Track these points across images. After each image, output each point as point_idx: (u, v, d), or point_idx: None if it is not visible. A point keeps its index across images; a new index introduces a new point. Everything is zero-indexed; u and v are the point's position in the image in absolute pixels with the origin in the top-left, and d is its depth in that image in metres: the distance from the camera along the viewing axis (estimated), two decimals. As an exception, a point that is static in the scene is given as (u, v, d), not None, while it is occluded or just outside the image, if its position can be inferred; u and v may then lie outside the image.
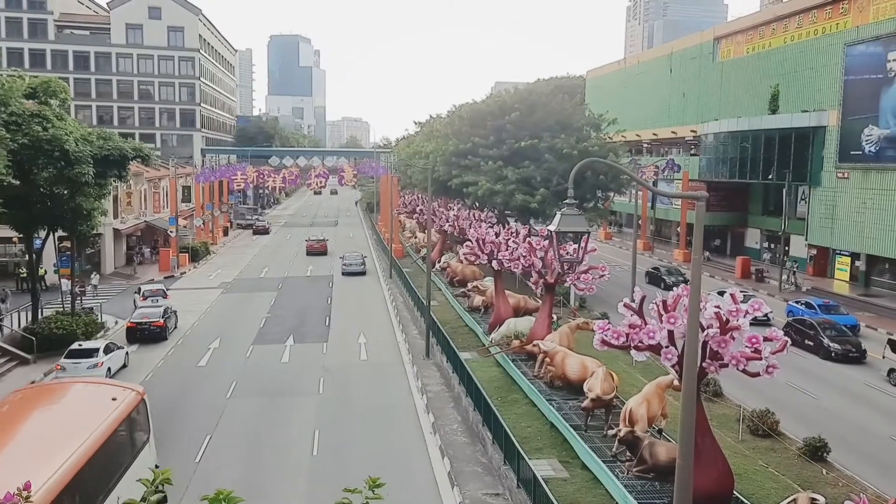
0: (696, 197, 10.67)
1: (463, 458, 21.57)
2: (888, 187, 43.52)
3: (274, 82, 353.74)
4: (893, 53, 42.94)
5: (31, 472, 9.85)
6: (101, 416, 13.90)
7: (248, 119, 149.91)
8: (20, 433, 13.66)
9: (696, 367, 12.56)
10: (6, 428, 13.58)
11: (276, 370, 30.56)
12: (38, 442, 13.10)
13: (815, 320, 33.61)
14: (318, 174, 71.44)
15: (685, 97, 67.03)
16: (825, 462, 19.61)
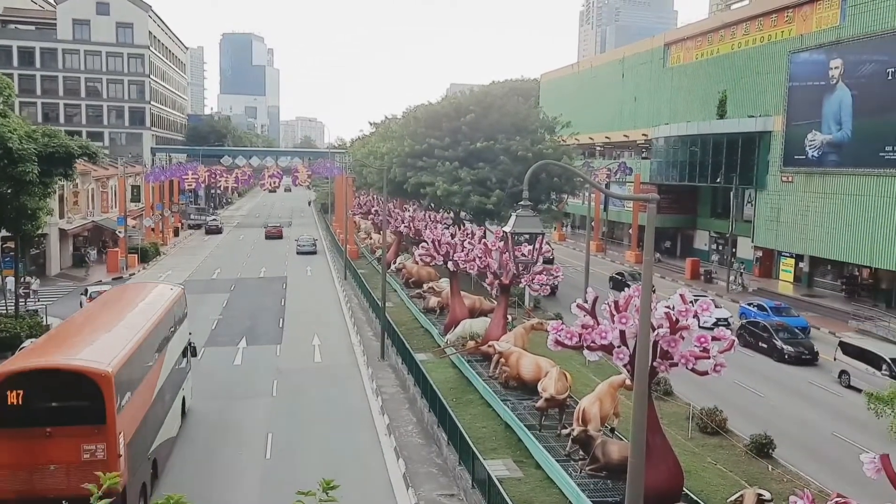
0: (647, 199, 10.88)
1: (418, 459, 21.59)
2: (830, 191, 44.89)
3: (226, 81, 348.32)
4: (835, 61, 44.32)
5: (143, 321, 19.95)
6: (165, 297, 23.57)
7: (200, 118, 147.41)
8: (133, 303, 22.77)
9: (648, 366, 12.80)
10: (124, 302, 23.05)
11: (229, 373, 30.16)
12: (143, 306, 22.26)
13: (769, 323, 34.37)
14: (271, 174, 70.73)
15: (637, 101, 68.16)
16: (771, 458, 20.14)
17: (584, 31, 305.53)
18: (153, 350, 19.95)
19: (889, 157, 40.35)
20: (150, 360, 19.41)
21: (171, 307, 22.89)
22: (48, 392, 15.74)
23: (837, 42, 44.13)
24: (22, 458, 15.25)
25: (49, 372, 15.99)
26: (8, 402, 15.23)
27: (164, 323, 21.47)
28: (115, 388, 15.60)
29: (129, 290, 28.40)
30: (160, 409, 20.26)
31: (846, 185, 43.62)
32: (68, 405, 15.78)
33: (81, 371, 15.80)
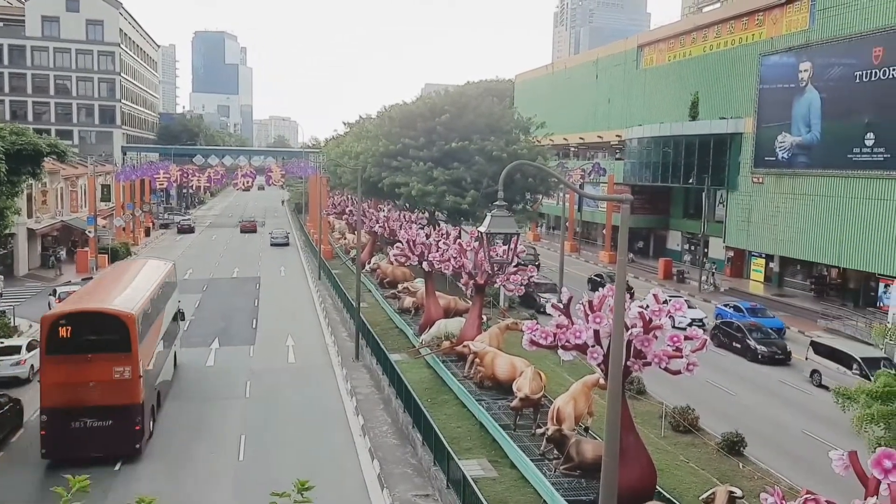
0: (621, 200, 10.95)
1: (393, 459, 21.53)
2: (799, 192, 45.56)
3: (198, 79, 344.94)
4: (805, 64, 44.99)
5: (147, 284, 25.21)
6: (161, 269, 28.92)
7: (172, 116, 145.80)
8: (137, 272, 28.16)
9: (622, 365, 12.88)
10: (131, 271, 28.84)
11: (201, 374, 29.86)
12: (145, 274, 27.75)
13: (742, 323, 34.69)
14: (244, 174, 69.93)
15: (611, 102, 68.64)
16: (742, 456, 20.38)
17: (558, 32, 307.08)
18: (157, 306, 25.54)
19: (857, 158, 41.06)
20: (155, 313, 24.96)
21: (166, 277, 28.63)
22: (89, 328, 21.27)
23: (807, 45, 44.82)
24: (70, 377, 20.58)
25: (91, 313, 21.77)
26: (59, 336, 20.76)
27: (162, 287, 27.16)
28: (137, 326, 21.37)
29: (132, 263, 35.33)
30: (162, 355, 25.82)
31: (815, 186, 44.30)
32: (104, 338, 21.25)
33: (114, 313, 21.55)
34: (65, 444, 20.70)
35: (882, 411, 10.69)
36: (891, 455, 8.01)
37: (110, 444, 20.90)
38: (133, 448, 21.32)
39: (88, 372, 20.70)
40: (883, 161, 39.55)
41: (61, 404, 20.53)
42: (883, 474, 7.96)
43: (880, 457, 8.03)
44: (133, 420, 21.18)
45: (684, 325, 34.63)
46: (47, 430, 20.57)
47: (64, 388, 20.53)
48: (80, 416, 20.72)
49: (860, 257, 41.08)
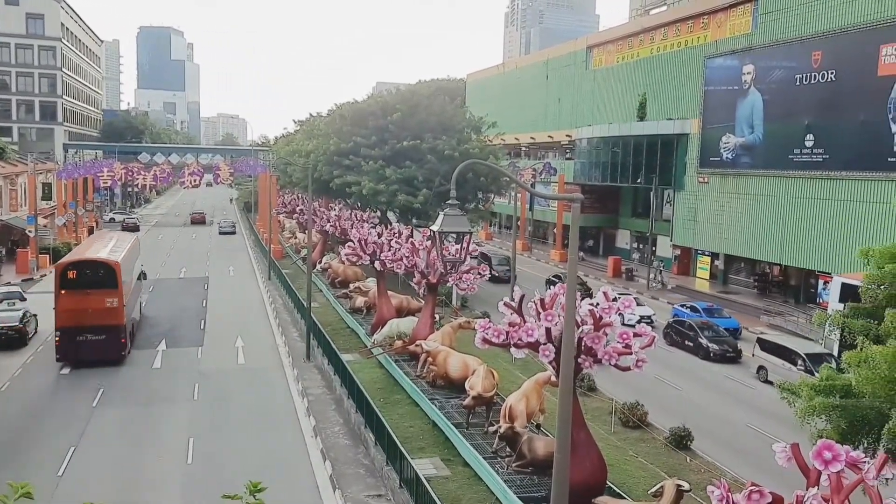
0: (572, 199, 11.05)
1: (345, 460, 21.40)
2: (743, 192, 46.71)
3: (144, 76, 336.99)
4: (748, 67, 46.13)
5: (122, 248, 34.25)
6: (130, 239, 38.64)
7: (116, 113, 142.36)
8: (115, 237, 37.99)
9: (573, 362, 13.01)
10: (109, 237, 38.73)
11: (148, 376, 29.24)
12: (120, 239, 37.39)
13: (694, 322, 35.12)
14: (191, 172, 68.59)
15: (560, 102, 69.33)
16: (689, 450, 20.81)
17: (509, 32, 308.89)
18: (130, 262, 34.10)
19: (797, 159, 42.28)
20: (129, 266, 33.32)
21: (134, 243, 38.04)
22: (88, 271, 30.38)
23: (749, 49, 45.96)
24: (75, 305, 29.07)
25: (90, 261, 31.32)
26: (68, 277, 29.80)
27: (132, 249, 36.12)
28: (122, 271, 30.54)
29: (108, 233, 46.40)
30: (134, 296, 34.21)
31: (758, 185, 45.47)
32: (98, 278, 29.95)
33: (107, 261, 30.82)
34: (72, 351, 29.49)
35: (823, 404, 11.03)
36: (831, 447, 8.26)
37: (103, 353, 29.54)
38: (119, 355, 30.07)
39: (88, 302, 29.28)
40: (822, 161, 40.80)
41: (69, 324, 29.19)
42: (823, 465, 8.19)
43: (821, 449, 8.26)
44: (119, 336, 30.09)
45: (633, 322, 35.11)
46: (60, 342, 29.44)
47: (71, 313, 29.09)
48: (82, 332, 29.28)
49: (800, 255, 42.31)
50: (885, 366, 10.02)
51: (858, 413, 10.91)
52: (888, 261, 11.22)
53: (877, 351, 10.23)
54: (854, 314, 12.65)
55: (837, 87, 39.71)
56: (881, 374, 10.12)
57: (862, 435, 11.06)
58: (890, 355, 9.94)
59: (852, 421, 10.95)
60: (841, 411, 10.99)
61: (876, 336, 11.64)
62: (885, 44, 36.72)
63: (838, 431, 10.87)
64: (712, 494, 8.91)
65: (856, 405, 10.93)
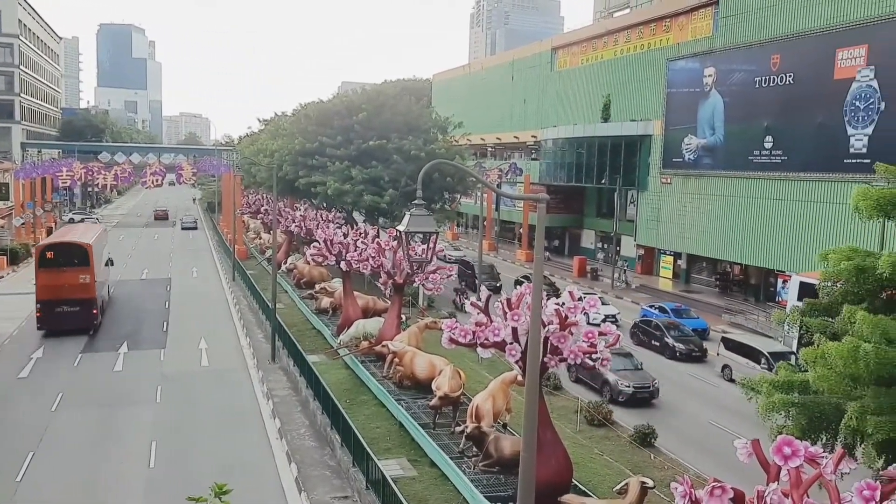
0: (538, 199, 11.11)
1: (311, 462, 21.27)
2: (704, 192, 47.45)
3: (104, 74, 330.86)
4: (709, 69, 46.87)
5: (92, 234, 39.11)
6: (99, 228, 44.97)
7: (76, 112, 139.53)
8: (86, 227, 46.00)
9: (539, 362, 13.09)
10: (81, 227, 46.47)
11: (109, 379, 28.75)
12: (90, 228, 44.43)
13: (661, 321, 35.40)
14: (153, 171, 67.53)
15: (526, 103, 69.72)
16: (653, 448, 21.07)
17: (474, 33, 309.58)
18: (100, 246, 38.53)
19: (757, 160, 43.06)
20: (99, 250, 37.83)
21: (102, 233, 42.82)
22: (64, 252, 35.02)
23: (710, 51, 46.70)
24: (53, 281, 33.67)
25: (65, 243, 35.99)
26: (46, 257, 34.57)
27: (101, 236, 40.75)
28: (94, 252, 35.23)
29: (79, 224, 56.14)
30: (103, 278, 38.62)
31: (719, 186, 46.22)
32: (73, 258, 34.68)
33: (80, 243, 35.55)
34: (51, 321, 34.20)
35: (783, 400, 11.24)
36: (790, 442, 8.43)
37: (78, 322, 34.54)
38: (91, 324, 35.16)
39: (64, 278, 33.98)
40: (780, 163, 41.62)
41: (48, 298, 33.83)
42: (783, 461, 8.36)
43: (780, 444, 8.43)
44: (91, 308, 34.92)
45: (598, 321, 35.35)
46: (41, 313, 34.07)
47: (50, 288, 33.76)
48: (59, 304, 33.95)
49: (760, 254, 43.11)
50: (840, 362, 10.25)
51: (816, 409, 11.14)
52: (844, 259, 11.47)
53: (832, 347, 10.46)
54: (811, 311, 12.91)
55: (795, 90, 40.54)
56: (837, 371, 10.34)
57: (820, 430, 11.29)
58: (845, 351, 10.17)
59: (811, 417, 11.18)
60: (800, 408, 11.21)
61: (832, 333, 11.90)
62: (841, 48, 37.60)
63: (798, 427, 11.09)
64: (676, 491, 9.03)
65: (813, 401, 11.16)
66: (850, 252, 11.79)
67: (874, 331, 10.28)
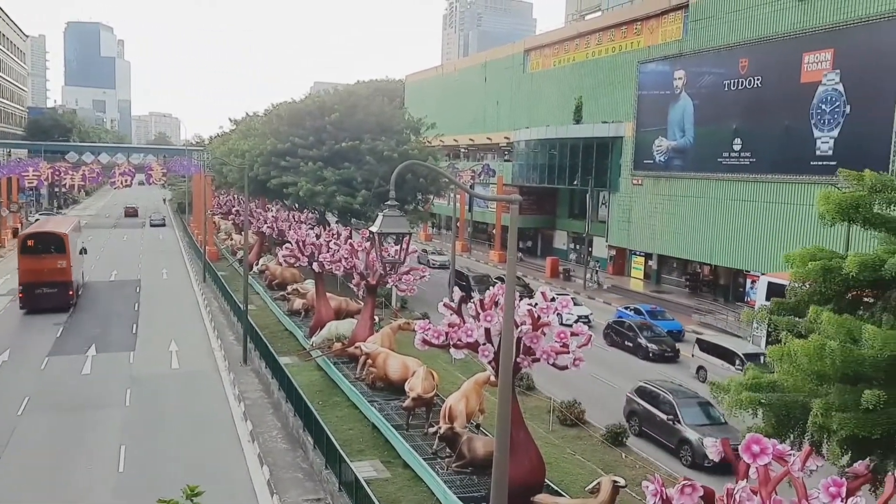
0: (510, 200, 11.16)
1: (283, 465, 21.13)
2: (675, 194, 47.96)
3: (71, 72, 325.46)
4: (679, 72, 47.40)
5: (67, 225, 44.22)
6: (74, 220, 49.93)
7: (42, 111, 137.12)
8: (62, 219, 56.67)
9: (512, 362, 13.15)
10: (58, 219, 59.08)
11: (77, 383, 28.30)
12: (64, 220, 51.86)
13: (634, 322, 35.32)
14: (122, 172, 66.55)
15: (499, 105, 69.93)
16: (625, 447, 21.24)
17: (447, 34, 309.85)
18: (76, 235, 43.13)
19: (726, 162, 43.63)
20: (74, 238, 42.11)
21: (76, 224, 47.28)
22: (43, 241, 39.28)
23: (680, 55, 47.22)
24: (33, 266, 38.01)
25: (44, 232, 40.70)
26: (27, 245, 38.84)
27: (76, 228, 45.21)
28: (69, 240, 39.53)
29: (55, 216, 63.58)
30: (77, 265, 42.73)
31: (689, 188, 46.75)
32: (52, 245, 38.99)
33: (58, 233, 40.09)
34: (32, 301, 38.62)
35: (750, 398, 11.41)
36: (758, 441, 8.56)
37: (56, 302, 38.75)
38: (68, 305, 39.58)
39: (43, 263, 38.40)
40: (749, 164, 42.21)
41: (29, 280, 38.34)
42: (752, 459, 8.49)
43: (749, 443, 8.56)
44: (68, 289, 39.55)
45: (571, 322, 35.42)
46: (23, 295, 38.60)
47: (30, 272, 38.35)
48: (40, 287, 38.33)
49: (729, 255, 43.67)
50: (805, 360, 10.42)
51: (784, 407, 11.32)
52: (809, 261, 11.66)
53: (798, 345, 10.63)
54: (778, 311, 13.11)
55: (763, 93, 41.14)
56: (802, 368, 10.52)
57: (788, 429, 11.47)
58: (811, 349, 10.34)
59: (779, 415, 11.36)
60: (767, 406, 11.38)
61: (799, 332, 12.10)
62: (807, 52, 38.23)
63: (768, 425, 11.26)
64: (647, 489, 9.13)
65: (780, 399, 11.33)
66: (816, 252, 11.99)
67: (839, 330, 10.47)
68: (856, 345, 10.31)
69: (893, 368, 10.04)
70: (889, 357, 9.83)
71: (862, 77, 35.83)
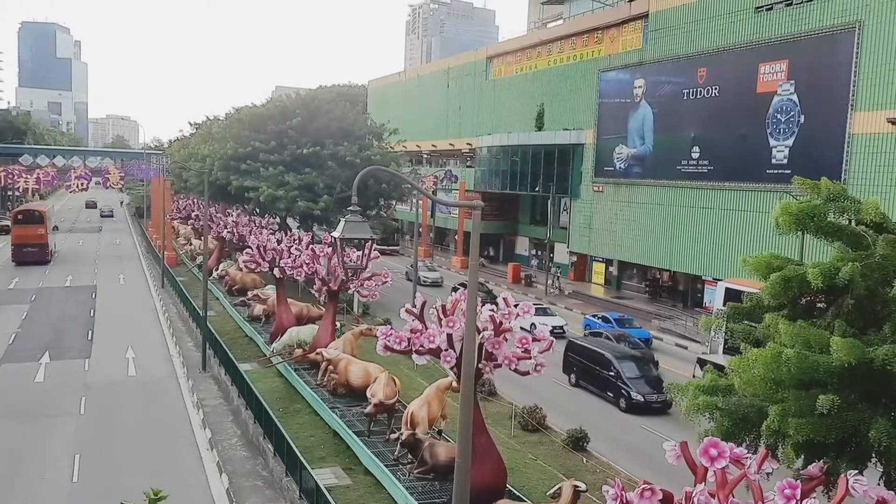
0: (473, 206, 11.20)
1: (242, 472, 20.87)
2: (634, 200, 48.59)
3: (26, 73, 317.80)
4: (639, 80, 48.08)
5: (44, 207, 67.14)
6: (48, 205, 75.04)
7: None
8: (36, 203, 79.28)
9: (474, 368, 13.17)
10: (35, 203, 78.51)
11: (29, 390, 27.63)
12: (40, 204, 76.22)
13: (611, 333, 34.22)
14: (78, 175, 65.27)
15: (461, 111, 70.15)
16: (586, 451, 21.42)
17: (410, 40, 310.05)
18: (50, 215, 63.27)
19: (685, 170, 44.34)
20: (50, 217, 62.62)
21: (51, 207, 68.66)
22: (29, 215, 60.12)
23: (640, 63, 47.91)
24: (22, 232, 57.94)
25: (30, 210, 62.94)
26: (18, 217, 59.80)
27: (49, 210, 65.03)
28: (47, 216, 60.50)
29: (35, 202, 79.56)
30: (51, 235, 61.12)
31: (648, 195, 47.40)
32: (34, 218, 59.35)
33: (39, 210, 61.82)
34: (21, 256, 55.88)
35: (706, 402, 11.59)
36: (716, 444, 8.70)
37: (38, 258, 56.02)
38: (46, 260, 56.92)
39: (28, 230, 57.02)
40: (707, 172, 42.96)
41: (19, 243, 56.49)
42: (710, 462, 8.62)
43: (707, 446, 8.69)
44: (45, 249, 57.65)
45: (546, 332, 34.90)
46: (14, 251, 56.66)
47: (20, 236, 56.79)
48: (26, 246, 56.18)
49: (688, 261, 44.35)
50: (762, 367, 10.63)
51: (739, 411, 11.52)
52: (765, 269, 11.88)
53: (756, 354, 10.84)
54: (735, 316, 13.35)
55: (721, 102, 41.94)
56: (759, 375, 10.72)
57: (744, 432, 11.66)
58: (769, 357, 10.54)
59: (734, 419, 11.55)
60: (723, 410, 11.57)
61: (755, 339, 12.32)
62: (763, 62, 39.09)
63: (722, 430, 11.43)
64: (607, 494, 9.21)
65: (736, 404, 11.53)
66: (772, 258, 12.22)
67: (796, 339, 10.70)
68: (810, 351, 10.54)
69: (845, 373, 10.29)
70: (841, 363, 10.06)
71: (816, 87, 36.75)
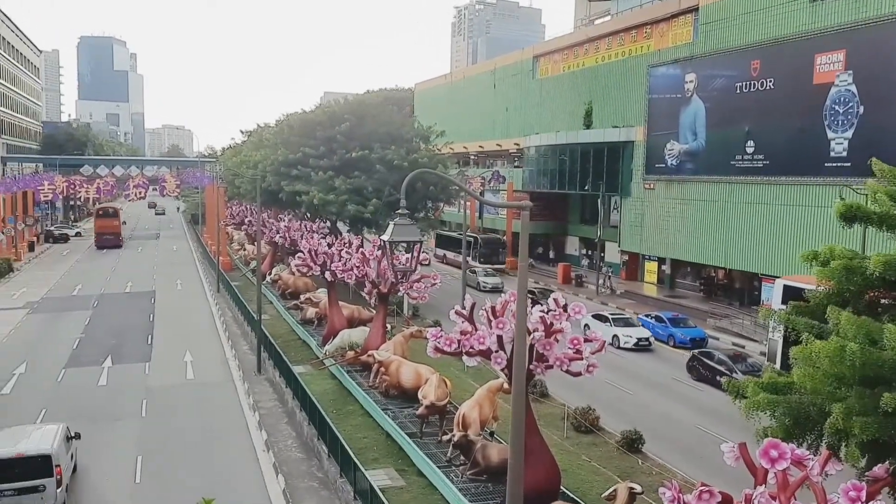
0: (521, 206, 11.12)
1: (298, 474, 21.13)
2: (687, 197, 47.73)
3: (85, 86, 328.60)
4: (690, 75, 47.24)
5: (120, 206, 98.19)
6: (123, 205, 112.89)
7: (57, 125, 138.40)
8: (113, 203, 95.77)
9: (525, 369, 13.09)
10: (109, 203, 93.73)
11: (93, 394, 28.45)
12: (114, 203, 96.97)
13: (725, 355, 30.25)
14: (136, 184, 67.18)
15: (508, 111, 69.93)
16: (641, 453, 21.10)
17: (455, 42, 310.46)
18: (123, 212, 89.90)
19: (739, 165, 43.38)
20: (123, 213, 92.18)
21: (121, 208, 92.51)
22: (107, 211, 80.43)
23: (691, 58, 47.06)
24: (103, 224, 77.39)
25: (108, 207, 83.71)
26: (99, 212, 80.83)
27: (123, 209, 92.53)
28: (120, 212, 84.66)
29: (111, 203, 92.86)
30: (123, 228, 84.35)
31: (701, 191, 46.50)
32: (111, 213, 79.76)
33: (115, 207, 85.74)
34: (101, 242, 75.33)
35: (767, 399, 11.29)
36: (777, 445, 8.47)
37: (114, 244, 75.63)
38: (120, 245, 76.53)
39: (107, 222, 77.04)
40: (762, 167, 41.95)
41: (101, 231, 76.54)
42: (770, 464, 8.39)
43: (767, 447, 8.47)
44: (119, 237, 78.38)
45: (629, 344, 34.58)
46: (97, 238, 76.54)
47: (101, 226, 76.69)
48: (105, 234, 76.21)
49: (744, 258, 43.37)
50: (826, 361, 10.30)
51: (801, 409, 11.18)
52: (829, 260, 11.52)
53: (819, 346, 10.51)
54: (796, 312, 12.99)
55: (776, 95, 40.90)
56: (823, 370, 10.39)
57: (806, 431, 11.33)
58: (832, 350, 10.22)
59: (796, 417, 11.22)
60: (784, 407, 11.23)
61: (818, 334, 11.97)
62: (819, 53, 38.00)
63: (782, 428, 11.12)
64: (664, 496, 9.05)
65: (798, 401, 11.20)
66: (833, 251, 11.87)
67: (858, 331, 10.35)
68: (875, 346, 10.18)
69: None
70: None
71: (875, 77, 35.57)
